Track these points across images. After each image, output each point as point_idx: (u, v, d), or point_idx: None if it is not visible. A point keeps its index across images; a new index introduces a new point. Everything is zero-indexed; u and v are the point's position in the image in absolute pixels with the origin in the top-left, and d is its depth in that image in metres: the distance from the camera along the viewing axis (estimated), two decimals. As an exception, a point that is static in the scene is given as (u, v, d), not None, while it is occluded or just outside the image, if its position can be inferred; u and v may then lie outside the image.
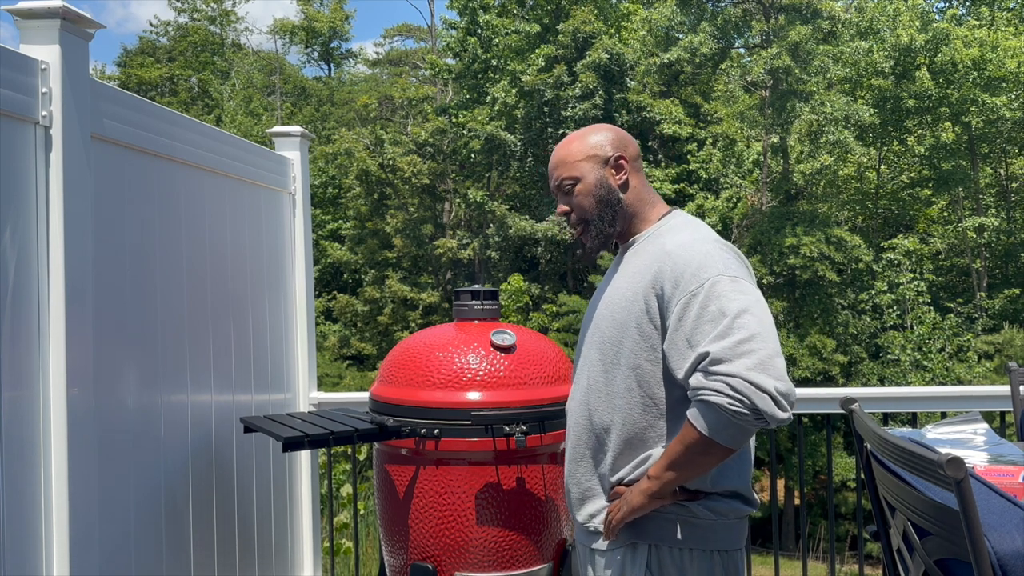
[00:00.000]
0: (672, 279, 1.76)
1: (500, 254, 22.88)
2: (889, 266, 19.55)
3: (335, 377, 21.60)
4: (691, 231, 1.86)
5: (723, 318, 1.66)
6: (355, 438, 2.45)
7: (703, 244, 1.79)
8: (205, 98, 32.67)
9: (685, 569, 1.79)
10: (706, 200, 20.93)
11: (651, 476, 1.76)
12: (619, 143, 1.97)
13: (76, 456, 2.09)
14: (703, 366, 1.65)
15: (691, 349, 1.69)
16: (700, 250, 1.77)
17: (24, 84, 2.03)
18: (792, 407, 1.63)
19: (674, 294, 1.74)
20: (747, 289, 1.71)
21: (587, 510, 1.92)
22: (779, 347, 1.67)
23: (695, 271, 1.73)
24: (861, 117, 19.67)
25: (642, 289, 1.82)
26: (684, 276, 1.74)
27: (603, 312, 1.91)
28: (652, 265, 1.82)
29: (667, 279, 1.77)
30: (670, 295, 1.75)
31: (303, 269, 3.52)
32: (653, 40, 22.05)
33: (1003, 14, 22.74)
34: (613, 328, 1.87)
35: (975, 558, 1.30)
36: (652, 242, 1.90)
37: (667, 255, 1.79)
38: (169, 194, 2.63)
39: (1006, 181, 22.48)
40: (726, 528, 1.82)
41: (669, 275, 1.77)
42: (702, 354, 1.65)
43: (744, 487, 1.86)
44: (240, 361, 3.01)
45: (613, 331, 1.86)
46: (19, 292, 2.01)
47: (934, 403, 3.30)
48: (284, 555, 3.34)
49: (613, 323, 1.87)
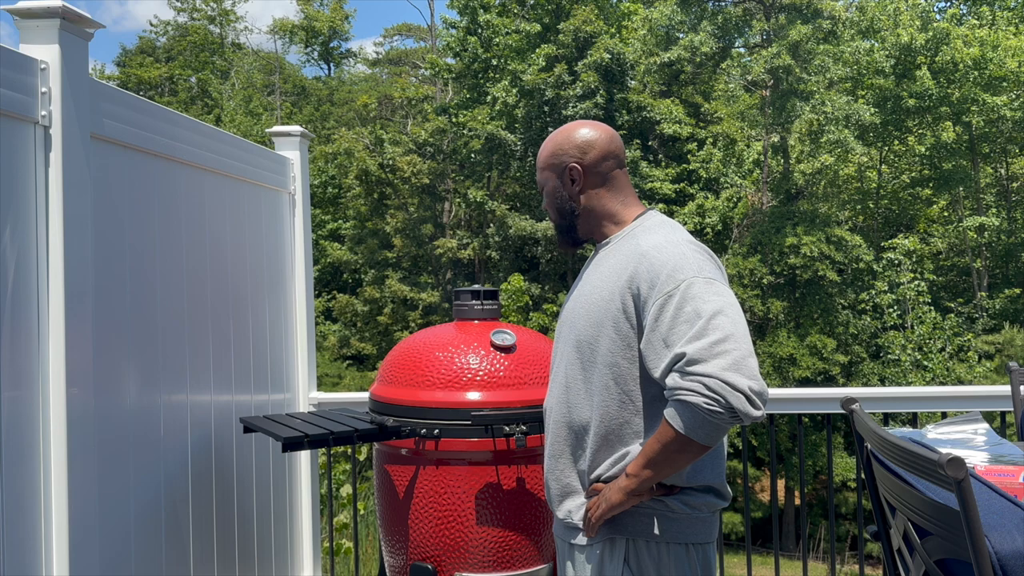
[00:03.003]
0: (648, 280, 1.79)
1: (500, 254, 22.88)
2: (889, 266, 19.55)
3: (335, 377, 21.62)
4: (665, 232, 1.89)
5: (698, 319, 1.69)
6: (355, 438, 2.45)
7: (677, 246, 1.82)
8: (205, 98, 32.67)
9: (662, 562, 1.84)
10: (706, 200, 20.93)
11: (629, 474, 1.80)
12: (581, 149, 1.98)
13: (76, 456, 2.09)
14: (679, 366, 1.69)
15: (667, 349, 1.72)
16: (675, 252, 1.80)
17: (24, 84, 2.03)
18: (765, 405, 1.67)
19: (650, 295, 1.78)
20: (721, 291, 1.75)
21: (566, 506, 1.96)
22: (751, 347, 1.71)
23: (670, 272, 1.76)
24: (862, 117, 19.67)
25: (618, 288, 1.85)
26: (660, 277, 1.77)
27: (579, 310, 1.94)
28: (628, 265, 1.85)
29: (643, 280, 1.80)
30: (646, 295, 1.79)
31: (303, 269, 3.52)
32: (653, 39, 22.05)
33: (1004, 13, 22.73)
34: (590, 327, 1.90)
35: (975, 558, 1.30)
36: (626, 242, 1.93)
37: (642, 256, 1.82)
38: (169, 194, 2.63)
39: (1006, 181, 22.48)
40: (700, 521, 1.87)
41: (645, 276, 1.80)
42: (678, 354, 1.69)
43: (718, 482, 1.90)
44: (240, 361, 3.01)
45: (590, 329, 1.89)
46: (19, 292, 2.01)
47: (934, 403, 3.30)
48: (284, 555, 3.33)
49: (589, 321, 1.90)
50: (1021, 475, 1.67)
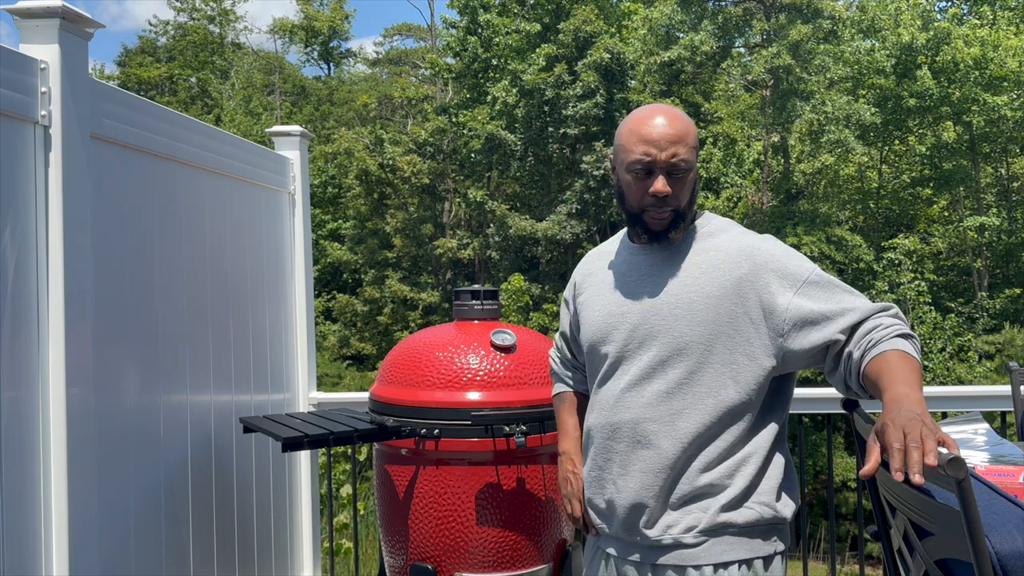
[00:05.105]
0: (778, 273, 1.74)
1: (500, 254, 22.87)
2: (890, 266, 19.54)
3: (335, 377, 21.60)
4: (745, 230, 1.87)
5: (844, 289, 1.74)
6: (355, 438, 2.45)
7: (776, 243, 1.82)
8: (204, 98, 32.66)
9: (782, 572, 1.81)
10: (706, 200, 20.92)
11: (910, 396, 1.47)
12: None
13: (76, 456, 2.08)
14: (873, 316, 1.68)
15: (841, 315, 1.69)
16: (783, 247, 1.81)
17: (23, 84, 2.03)
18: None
19: (783, 286, 1.73)
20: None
21: (666, 521, 1.74)
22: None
23: (798, 263, 1.76)
24: (862, 116, 19.67)
25: (733, 284, 1.74)
26: (789, 268, 1.75)
27: (673, 311, 1.76)
28: (740, 261, 1.76)
29: (773, 273, 1.74)
30: (777, 289, 1.73)
31: (303, 269, 3.52)
32: (653, 39, 22.04)
33: (1004, 13, 22.71)
34: (694, 325, 1.74)
35: (976, 558, 1.29)
36: (709, 239, 1.82)
37: (756, 251, 1.77)
38: (169, 194, 2.63)
39: (1007, 181, 22.47)
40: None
41: (773, 269, 1.74)
42: (860, 309, 1.69)
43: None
44: (240, 361, 3.01)
45: (694, 328, 1.74)
46: (19, 292, 2.01)
47: (935, 403, 3.30)
48: (284, 555, 3.33)
49: (693, 320, 1.74)
50: (1021, 475, 1.67)
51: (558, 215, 21.32)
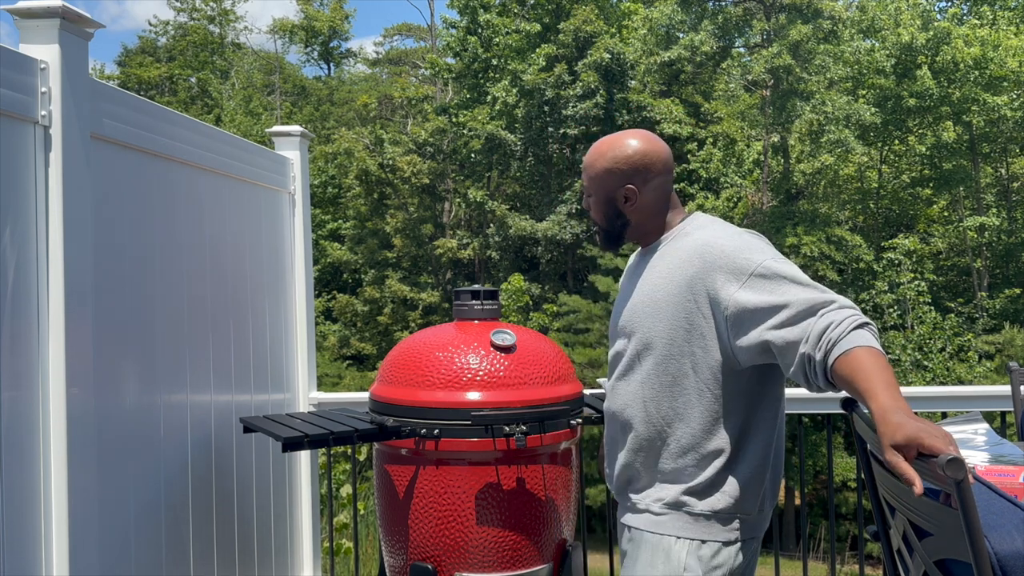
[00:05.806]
0: (725, 269, 1.81)
1: (500, 254, 22.88)
2: (890, 266, 19.55)
3: (335, 377, 21.59)
4: (720, 226, 1.95)
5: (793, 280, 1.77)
6: (355, 438, 2.45)
7: (740, 235, 1.89)
8: (204, 98, 32.67)
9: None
10: (706, 200, 20.93)
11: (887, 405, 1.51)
12: (636, 169, 1.99)
13: (76, 456, 2.09)
14: (825, 310, 1.70)
15: (777, 309, 1.73)
16: (738, 242, 1.85)
17: (23, 84, 2.03)
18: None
19: (728, 281, 1.80)
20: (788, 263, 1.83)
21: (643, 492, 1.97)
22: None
23: (746, 256, 1.80)
24: (862, 116, 19.67)
25: (686, 282, 1.87)
26: (737, 263, 1.80)
27: (644, 309, 1.95)
28: (693, 259, 1.87)
29: (719, 269, 1.82)
30: (722, 285, 1.80)
31: (303, 269, 3.52)
32: (653, 39, 22.05)
33: (1004, 13, 22.73)
34: (657, 321, 1.91)
35: (975, 559, 1.30)
36: (679, 240, 1.96)
37: (707, 247, 1.86)
38: (168, 194, 2.63)
39: (1007, 181, 22.48)
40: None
41: (721, 266, 1.82)
42: (799, 303, 1.72)
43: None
44: (240, 361, 3.01)
45: (658, 324, 1.91)
46: (19, 292, 2.01)
47: (935, 403, 3.30)
48: (284, 555, 3.33)
49: (657, 318, 1.91)
50: (1021, 475, 1.67)
51: (558, 215, 21.33)
